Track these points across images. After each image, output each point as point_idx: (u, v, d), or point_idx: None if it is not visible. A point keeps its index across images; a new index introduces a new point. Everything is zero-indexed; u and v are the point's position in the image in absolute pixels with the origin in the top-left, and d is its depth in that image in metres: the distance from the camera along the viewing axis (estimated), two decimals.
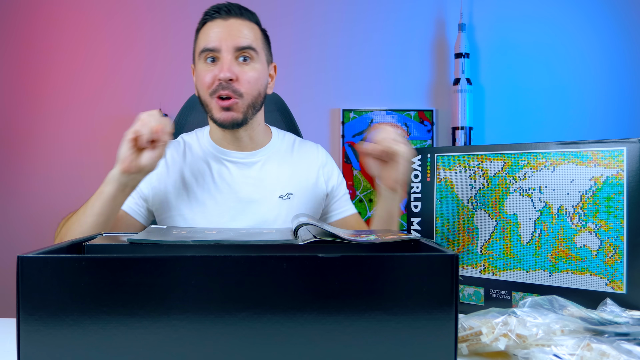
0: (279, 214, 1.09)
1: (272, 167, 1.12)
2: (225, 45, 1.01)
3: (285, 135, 1.21)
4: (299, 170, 1.15)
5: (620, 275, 0.77)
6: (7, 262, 2.16)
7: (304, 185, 1.14)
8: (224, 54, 1.01)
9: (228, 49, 1.01)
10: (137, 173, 0.90)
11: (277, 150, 1.15)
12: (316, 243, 0.66)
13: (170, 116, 2.17)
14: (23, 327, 0.52)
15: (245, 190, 1.09)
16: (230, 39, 1.01)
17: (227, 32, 1.01)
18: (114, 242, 0.68)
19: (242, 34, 1.02)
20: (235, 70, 1.01)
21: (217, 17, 1.03)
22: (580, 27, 2.19)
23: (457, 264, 0.54)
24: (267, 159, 1.13)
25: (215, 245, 0.66)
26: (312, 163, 1.17)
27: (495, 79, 2.22)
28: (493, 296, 0.88)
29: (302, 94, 2.18)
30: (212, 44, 1.01)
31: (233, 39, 1.01)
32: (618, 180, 0.78)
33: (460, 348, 0.65)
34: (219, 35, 1.01)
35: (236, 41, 1.01)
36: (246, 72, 1.02)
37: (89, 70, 2.23)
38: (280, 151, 1.16)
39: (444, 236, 0.94)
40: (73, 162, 2.21)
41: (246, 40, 1.02)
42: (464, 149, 0.93)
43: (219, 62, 1.02)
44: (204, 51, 1.02)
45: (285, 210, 1.09)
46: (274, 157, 1.14)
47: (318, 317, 0.54)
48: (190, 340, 0.53)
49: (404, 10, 2.23)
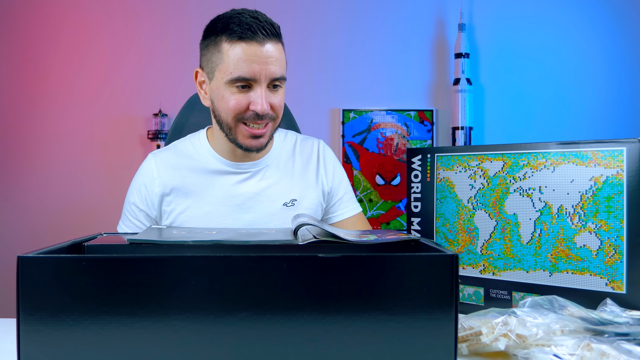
0: (283, 222, 1.08)
1: (275, 176, 1.10)
2: (263, 77, 0.96)
3: (286, 136, 1.18)
4: (301, 174, 1.13)
5: (620, 275, 0.77)
6: (7, 262, 2.16)
7: (306, 188, 1.12)
8: (259, 84, 0.96)
9: (264, 80, 0.96)
10: None
11: (279, 156, 1.13)
12: (316, 243, 0.66)
13: (170, 116, 2.17)
14: (23, 327, 0.52)
15: (248, 201, 1.07)
16: (267, 70, 0.95)
17: (263, 60, 0.95)
18: (114, 242, 0.68)
19: (278, 63, 0.97)
20: (269, 100, 0.98)
21: (251, 39, 0.94)
22: (580, 27, 2.19)
23: (457, 264, 0.54)
24: (269, 167, 1.11)
25: (215, 245, 0.66)
26: (312, 162, 1.16)
27: (495, 79, 2.22)
28: (493, 296, 0.88)
29: (302, 94, 2.18)
30: (249, 75, 0.95)
31: (269, 69, 0.96)
32: (618, 180, 0.78)
33: (460, 348, 0.65)
34: (256, 66, 0.95)
35: (272, 72, 0.96)
36: (276, 97, 1.00)
37: (88, 70, 2.23)
38: (282, 157, 1.14)
39: (444, 236, 0.94)
40: (72, 161, 2.21)
41: (280, 70, 0.98)
42: (464, 149, 0.93)
43: (251, 92, 0.97)
44: (238, 80, 0.95)
45: (290, 217, 1.07)
46: (275, 164, 1.12)
47: (318, 317, 0.54)
48: (190, 340, 0.53)
49: (404, 10, 2.23)
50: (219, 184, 1.07)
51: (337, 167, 1.19)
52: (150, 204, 1.07)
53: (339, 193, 1.18)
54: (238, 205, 1.06)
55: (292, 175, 1.12)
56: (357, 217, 1.19)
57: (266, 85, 0.97)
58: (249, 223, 1.07)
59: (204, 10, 2.21)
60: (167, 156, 1.10)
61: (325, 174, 1.16)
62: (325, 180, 1.16)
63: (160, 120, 2.16)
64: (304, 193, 1.11)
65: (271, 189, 1.09)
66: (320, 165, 1.16)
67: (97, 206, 2.20)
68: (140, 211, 1.08)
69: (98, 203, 2.20)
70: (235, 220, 1.06)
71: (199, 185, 1.06)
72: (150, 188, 1.07)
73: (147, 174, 1.08)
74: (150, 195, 1.07)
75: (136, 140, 2.21)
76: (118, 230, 1.12)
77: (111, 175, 2.19)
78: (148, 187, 1.07)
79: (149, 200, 1.07)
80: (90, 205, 2.21)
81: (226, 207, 1.06)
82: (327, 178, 1.16)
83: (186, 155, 1.09)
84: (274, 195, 1.08)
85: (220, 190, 1.07)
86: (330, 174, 1.16)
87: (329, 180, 1.16)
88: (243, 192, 1.07)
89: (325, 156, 1.17)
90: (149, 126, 2.19)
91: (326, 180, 1.16)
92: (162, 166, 1.08)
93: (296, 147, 1.17)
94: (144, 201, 1.07)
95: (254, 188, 1.08)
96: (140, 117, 2.21)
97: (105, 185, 2.20)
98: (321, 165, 1.16)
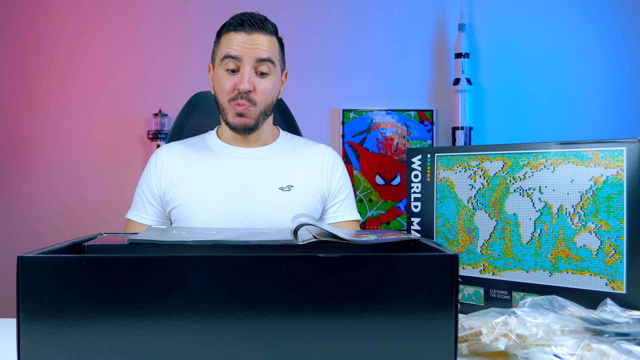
0: (278, 204, 1.12)
1: (275, 161, 1.17)
2: (246, 56, 1.07)
3: (293, 138, 1.25)
4: (303, 166, 1.18)
5: (620, 275, 0.77)
6: (7, 262, 2.16)
7: (306, 181, 1.16)
8: (244, 65, 1.08)
9: (249, 61, 1.07)
10: None
11: (284, 148, 1.20)
12: (316, 243, 0.66)
13: (170, 116, 2.17)
14: (23, 327, 0.52)
15: (245, 179, 1.13)
16: (252, 51, 1.07)
17: (249, 44, 1.07)
18: (114, 242, 0.68)
19: (263, 47, 1.08)
20: (253, 81, 1.08)
21: (241, 29, 1.08)
22: (580, 27, 2.19)
23: (457, 264, 0.54)
24: (272, 154, 1.18)
25: (215, 245, 0.66)
26: (317, 162, 1.19)
27: (495, 79, 2.22)
28: (493, 296, 0.88)
29: (302, 94, 2.18)
30: (235, 52, 1.07)
31: (254, 51, 1.07)
32: (618, 180, 0.78)
33: (460, 348, 0.65)
34: (241, 46, 1.07)
35: (257, 53, 1.07)
36: (262, 83, 1.10)
37: (87, 70, 2.23)
38: (287, 148, 1.20)
39: (444, 236, 0.94)
40: (72, 161, 2.21)
41: (266, 53, 1.08)
42: (464, 149, 0.93)
43: (239, 73, 1.09)
44: (226, 57, 1.08)
45: (285, 201, 1.12)
46: (278, 153, 1.19)
47: (318, 317, 0.54)
48: (190, 340, 0.53)
49: (404, 10, 2.23)
50: (220, 162, 1.16)
51: (344, 173, 1.23)
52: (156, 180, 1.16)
53: (340, 196, 1.20)
54: (235, 184, 1.13)
55: (293, 166, 1.17)
56: (349, 224, 1.21)
57: (252, 68, 1.08)
58: (245, 204, 1.11)
59: (204, 9, 2.21)
60: (177, 144, 1.22)
61: (329, 175, 1.19)
62: (329, 180, 1.19)
63: (160, 120, 2.16)
64: (303, 182, 1.15)
65: (269, 172, 1.15)
66: (326, 165, 1.20)
67: (97, 206, 2.20)
68: (147, 187, 1.17)
69: (98, 203, 2.20)
70: (233, 199, 1.11)
71: (200, 163, 1.16)
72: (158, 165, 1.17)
73: (155, 156, 1.19)
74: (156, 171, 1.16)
75: (136, 140, 2.21)
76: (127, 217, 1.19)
77: (111, 175, 2.19)
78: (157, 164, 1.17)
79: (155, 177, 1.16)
80: (90, 205, 2.21)
81: (224, 185, 1.13)
82: (331, 179, 1.19)
83: (194, 144, 1.21)
84: (271, 178, 1.14)
85: (221, 169, 1.15)
86: (335, 177, 1.20)
87: (333, 181, 1.19)
88: (242, 172, 1.14)
89: (334, 160, 1.22)
90: (148, 126, 2.18)
91: (329, 181, 1.19)
92: (171, 149, 1.19)
93: (303, 146, 1.23)
94: (150, 177, 1.17)
95: (252, 170, 1.15)
96: (140, 117, 2.21)
97: (105, 185, 2.20)
98: (326, 166, 1.20)
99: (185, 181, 1.14)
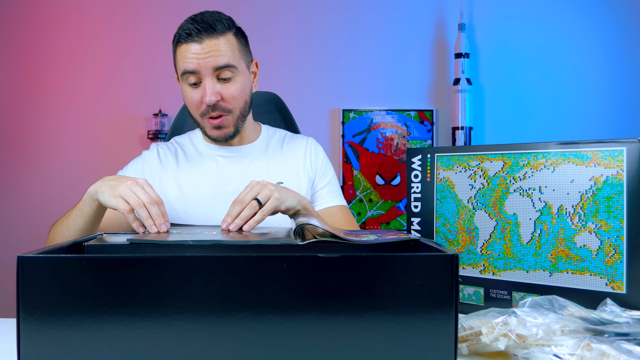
0: None
1: (262, 161, 1.17)
2: (204, 68, 1.01)
3: (276, 132, 1.24)
4: (289, 161, 1.18)
5: (620, 275, 0.77)
6: (7, 262, 2.16)
7: (294, 175, 1.16)
8: (204, 77, 1.02)
9: (208, 72, 1.01)
10: None
11: (267, 145, 1.20)
12: (316, 243, 0.66)
13: (170, 116, 2.17)
14: (23, 327, 0.52)
15: (234, 183, 1.11)
16: (207, 60, 1.01)
17: (203, 54, 1.00)
18: (114, 242, 0.68)
19: (219, 52, 1.01)
20: (218, 90, 1.03)
21: (190, 40, 1.01)
22: (580, 27, 2.19)
23: (457, 264, 0.54)
24: (257, 154, 1.17)
25: (215, 245, 0.66)
26: (299, 153, 1.20)
27: (495, 79, 2.22)
28: (493, 296, 0.88)
29: (302, 94, 2.18)
30: (191, 66, 1.01)
31: (210, 60, 1.01)
32: (618, 180, 0.78)
33: (460, 348, 0.65)
34: (196, 57, 1.01)
35: (214, 61, 1.01)
36: (229, 89, 1.04)
37: (88, 70, 2.23)
38: (270, 145, 1.20)
39: (444, 236, 0.94)
40: (72, 161, 2.21)
41: (223, 59, 1.02)
42: (464, 149, 0.93)
43: (201, 85, 1.03)
44: (185, 73, 1.03)
45: None
46: (263, 151, 1.18)
47: (318, 317, 0.54)
48: (190, 340, 0.53)
49: (404, 10, 2.23)
50: (206, 163, 1.15)
51: (325, 160, 1.24)
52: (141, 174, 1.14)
53: (322, 182, 1.20)
54: (223, 185, 1.12)
55: (280, 161, 1.17)
56: (339, 208, 1.19)
57: (213, 77, 1.02)
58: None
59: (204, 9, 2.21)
60: (165, 144, 1.22)
61: (311, 162, 1.20)
62: (311, 168, 1.19)
63: (160, 120, 2.16)
64: (291, 176, 1.15)
65: (257, 171, 1.14)
66: (307, 154, 1.20)
67: None
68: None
69: None
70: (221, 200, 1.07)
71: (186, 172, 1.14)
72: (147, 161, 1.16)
73: (145, 154, 1.19)
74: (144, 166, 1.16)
75: (136, 140, 2.21)
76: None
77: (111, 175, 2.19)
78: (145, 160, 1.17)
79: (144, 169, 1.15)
80: None
81: (213, 187, 1.12)
82: (312, 166, 1.20)
83: (181, 144, 1.20)
84: (260, 176, 1.12)
85: (207, 170, 1.14)
86: (318, 161, 1.21)
87: (314, 167, 1.20)
88: (229, 173, 1.13)
89: (314, 149, 1.22)
90: (149, 126, 2.18)
91: (311, 168, 1.19)
92: (159, 149, 1.19)
93: (285, 140, 1.23)
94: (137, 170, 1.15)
95: (239, 170, 1.14)
96: (141, 117, 2.21)
97: None
98: (308, 155, 1.20)
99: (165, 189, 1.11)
